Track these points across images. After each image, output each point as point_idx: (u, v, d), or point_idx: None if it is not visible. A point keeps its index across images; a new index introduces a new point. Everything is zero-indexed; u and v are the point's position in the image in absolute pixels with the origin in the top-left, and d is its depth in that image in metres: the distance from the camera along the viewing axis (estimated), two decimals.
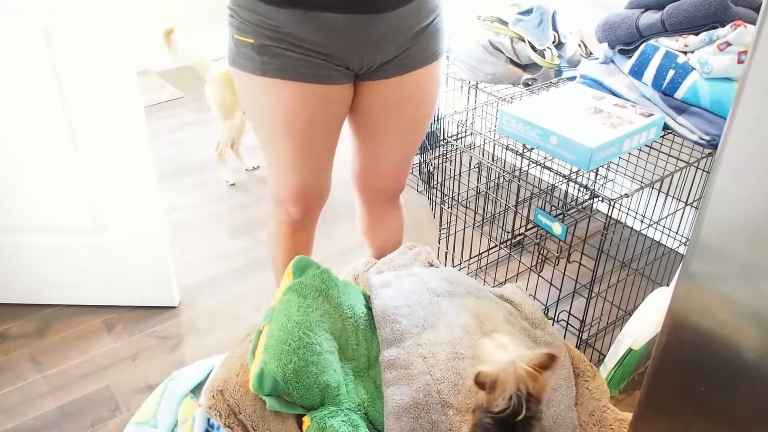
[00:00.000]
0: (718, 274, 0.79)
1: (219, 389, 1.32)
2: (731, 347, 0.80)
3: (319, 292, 1.40)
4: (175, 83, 3.58)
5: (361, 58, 1.26)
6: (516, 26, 1.95)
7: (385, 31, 1.24)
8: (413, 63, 1.31)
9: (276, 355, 1.27)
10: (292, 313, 1.33)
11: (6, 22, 1.49)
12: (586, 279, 1.93)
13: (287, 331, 1.30)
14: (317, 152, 1.38)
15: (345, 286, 1.47)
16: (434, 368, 1.30)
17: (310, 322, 1.32)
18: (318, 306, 1.37)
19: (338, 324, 1.38)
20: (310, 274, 1.43)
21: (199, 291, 1.98)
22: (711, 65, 1.48)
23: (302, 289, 1.39)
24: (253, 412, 1.29)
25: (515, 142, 1.62)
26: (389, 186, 1.55)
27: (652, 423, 0.94)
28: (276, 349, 1.28)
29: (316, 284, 1.40)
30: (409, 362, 1.30)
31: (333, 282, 1.43)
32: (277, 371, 1.25)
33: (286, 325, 1.31)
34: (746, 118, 0.71)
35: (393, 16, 1.23)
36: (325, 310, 1.38)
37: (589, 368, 1.50)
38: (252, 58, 1.24)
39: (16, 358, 1.72)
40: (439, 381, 1.29)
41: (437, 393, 1.29)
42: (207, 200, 2.46)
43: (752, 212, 0.73)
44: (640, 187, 1.47)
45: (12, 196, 1.73)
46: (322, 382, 1.26)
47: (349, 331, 1.38)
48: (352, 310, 1.41)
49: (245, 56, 1.24)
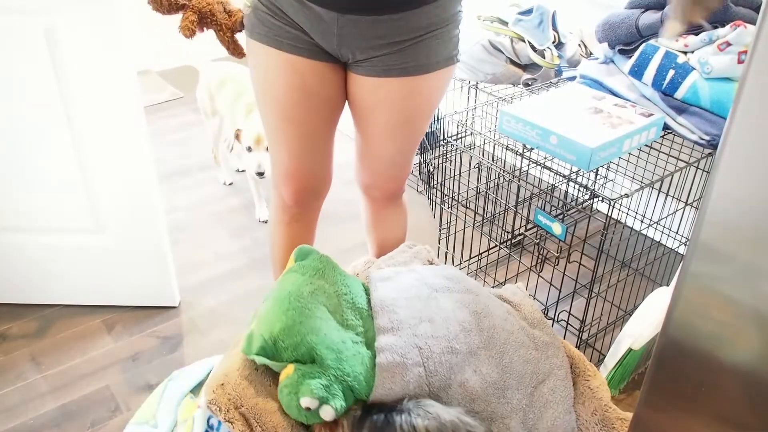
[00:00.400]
0: (718, 274, 0.79)
1: (220, 383, 1.32)
2: (731, 347, 0.80)
3: (316, 270, 1.41)
4: (175, 83, 3.57)
5: (338, 48, 1.28)
6: (516, 26, 1.95)
7: (360, 31, 1.25)
8: (399, 70, 1.30)
9: (265, 318, 1.29)
10: (286, 286, 1.36)
11: (6, 22, 1.49)
12: (586, 279, 1.93)
13: (278, 299, 1.32)
14: (303, 130, 1.38)
15: (344, 272, 1.48)
16: (428, 360, 1.30)
17: (303, 292, 1.34)
18: (313, 282, 1.39)
19: (333, 300, 1.39)
20: (310, 258, 1.45)
21: (199, 291, 1.98)
22: (711, 65, 1.48)
23: (300, 269, 1.41)
24: (255, 405, 1.29)
25: (515, 142, 1.62)
26: (384, 186, 1.55)
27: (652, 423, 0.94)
28: (266, 313, 1.30)
29: (314, 265, 1.42)
30: (405, 351, 1.30)
31: (332, 265, 1.45)
32: (264, 330, 1.27)
33: (278, 295, 1.33)
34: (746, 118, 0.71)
35: (365, 21, 1.24)
36: (319, 286, 1.39)
37: (589, 368, 1.50)
38: (248, 21, 1.33)
39: (16, 358, 1.72)
40: (432, 374, 1.29)
41: (428, 386, 1.28)
42: (207, 200, 2.46)
43: (752, 212, 0.73)
44: (640, 187, 1.47)
45: (12, 196, 1.73)
46: (310, 341, 1.27)
47: (344, 307, 1.39)
48: (347, 288, 1.42)
49: (246, 18, 1.34)
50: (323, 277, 1.41)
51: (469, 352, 1.34)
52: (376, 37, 1.26)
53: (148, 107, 3.25)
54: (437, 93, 1.39)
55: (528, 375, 1.37)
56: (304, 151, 1.42)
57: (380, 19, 1.23)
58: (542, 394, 1.37)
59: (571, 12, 2.17)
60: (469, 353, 1.34)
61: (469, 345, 1.34)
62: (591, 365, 1.51)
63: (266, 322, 1.29)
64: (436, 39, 1.29)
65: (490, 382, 1.33)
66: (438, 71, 1.33)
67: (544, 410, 1.35)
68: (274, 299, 1.34)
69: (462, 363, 1.32)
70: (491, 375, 1.34)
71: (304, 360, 1.28)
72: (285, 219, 1.56)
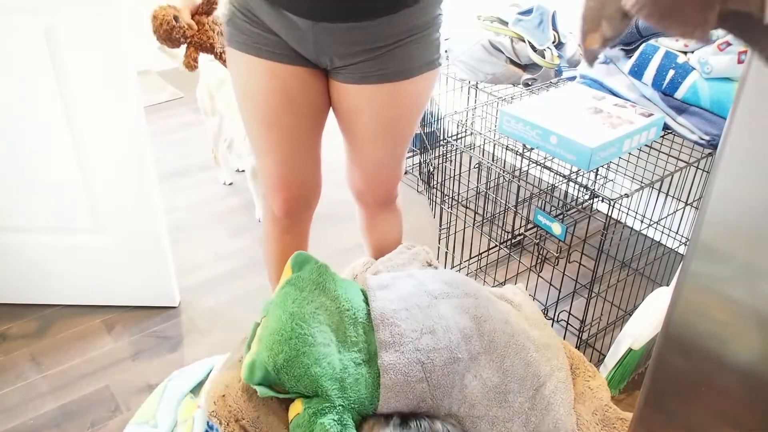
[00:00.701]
0: (718, 274, 0.79)
1: (221, 394, 1.32)
2: (731, 347, 0.80)
3: (316, 285, 1.40)
4: (175, 83, 3.58)
5: (316, 55, 1.27)
6: (516, 26, 1.95)
7: (335, 38, 1.23)
8: (378, 76, 1.28)
9: (268, 346, 1.28)
10: (287, 305, 1.35)
11: (6, 22, 1.49)
12: (586, 279, 1.93)
13: (281, 322, 1.31)
14: (287, 136, 1.36)
15: (343, 281, 1.47)
16: (431, 375, 1.30)
17: (304, 313, 1.33)
18: (314, 299, 1.38)
19: (335, 317, 1.38)
20: (308, 269, 1.44)
21: (199, 291, 1.98)
22: (711, 65, 1.48)
23: (299, 282, 1.40)
24: (257, 418, 1.29)
25: (515, 142, 1.62)
26: (376, 191, 1.53)
27: (652, 423, 0.94)
28: (268, 339, 1.29)
29: (314, 278, 1.41)
30: (408, 369, 1.30)
31: (330, 276, 1.44)
32: (268, 361, 1.26)
33: (280, 317, 1.32)
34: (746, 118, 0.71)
35: (341, 28, 1.22)
36: (321, 303, 1.38)
37: (589, 368, 1.50)
38: (226, 30, 1.31)
39: (16, 358, 1.72)
40: (435, 387, 1.29)
41: (431, 399, 1.29)
42: (207, 200, 2.46)
43: (752, 212, 0.73)
44: (640, 187, 1.47)
45: (11, 196, 1.73)
46: (314, 374, 1.27)
47: (346, 323, 1.38)
48: (349, 303, 1.41)
49: (224, 27, 1.32)
50: (324, 292, 1.40)
51: (471, 358, 1.34)
52: (352, 44, 1.24)
53: (148, 107, 3.25)
54: (420, 98, 1.36)
55: (529, 378, 1.37)
56: (290, 158, 1.39)
57: (357, 25, 1.21)
58: (543, 397, 1.37)
59: (571, 12, 2.17)
60: (471, 359, 1.34)
61: (470, 351, 1.34)
62: (591, 365, 1.51)
63: (269, 351, 1.28)
64: (415, 43, 1.26)
65: (491, 386, 1.33)
66: (419, 76, 1.30)
67: (546, 413, 1.35)
68: (276, 321, 1.32)
69: (463, 370, 1.32)
70: (492, 379, 1.33)
71: (307, 390, 1.28)
72: (276, 232, 1.54)
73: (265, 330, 1.33)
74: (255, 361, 1.28)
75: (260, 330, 1.35)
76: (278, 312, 1.35)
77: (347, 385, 1.29)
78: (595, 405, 1.40)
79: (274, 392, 1.29)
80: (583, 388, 1.44)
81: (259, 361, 1.27)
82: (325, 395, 1.27)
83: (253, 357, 1.29)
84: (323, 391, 1.27)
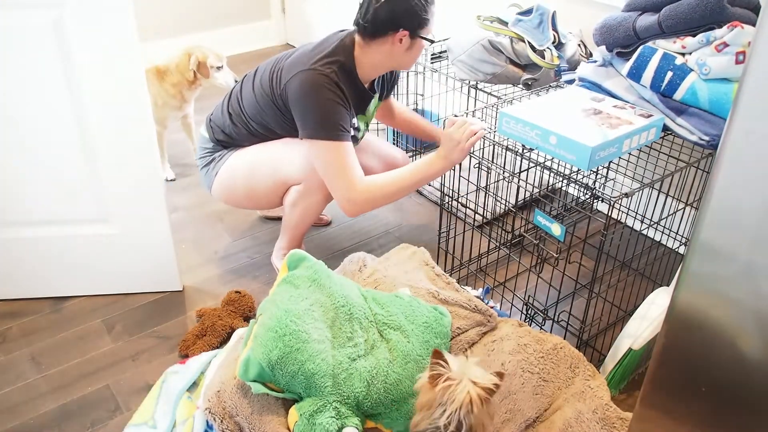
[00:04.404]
0: (718, 274, 0.79)
1: (216, 390, 1.32)
2: (731, 347, 0.81)
3: (312, 281, 1.41)
4: None
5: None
6: (516, 26, 1.96)
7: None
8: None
9: (263, 342, 1.29)
10: (283, 302, 1.35)
11: (15, 15, 1.49)
12: (586, 279, 1.93)
13: (275, 318, 1.32)
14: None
15: (339, 278, 1.48)
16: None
17: (299, 310, 1.34)
18: (309, 295, 1.39)
19: (330, 313, 1.39)
20: (303, 266, 1.45)
21: (199, 291, 1.98)
22: (709, 66, 1.48)
23: (295, 280, 1.41)
24: (251, 414, 1.30)
25: (515, 142, 1.62)
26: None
27: (652, 423, 0.94)
28: (263, 336, 1.30)
29: (309, 275, 1.42)
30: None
31: (326, 273, 1.45)
32: (262, 357, 1.27)
33: (275, 314, 1.33)
34: (746, 118, 0.71)
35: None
36: (316, 299, 1.39)
37: (589, 368, 1.50)
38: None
39: (16, 358, 1.72)
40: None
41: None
42: (207, 200, 2.45)
43: (752, 212, 0.73)
44: (640, 187, 1.47)
45: (12, 190, 1.73)
46: (308, 370, 1.27)
47: (342, 319, 1.39)
48: (345, 299, 1.42)
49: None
50: (320, 289, 1.41)
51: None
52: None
53: None
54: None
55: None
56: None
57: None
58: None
59: (570, 12, 2.17)
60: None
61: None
62: (591, 365, 1.51)
63: (263, 347, 1.29)
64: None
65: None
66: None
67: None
68: (271, 318, 1.33)
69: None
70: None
71: (301, 387, 1.29)
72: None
73: (261, 327, 1.33)
74: (250, 358, 1.29)
75: (256, 327, 1.36)
76: (273, 309, 1.35)
77: (341, 380, 1.29)
78: (596, 404, 1.40)
79: (269, 389, 1.30)
80: (584, 387, 1.45)
81: (253, 357, 1.28)
82: (318, 392, 1.27)
83: (247, 354, 1.30)
84: (316, 388, 1.27)
